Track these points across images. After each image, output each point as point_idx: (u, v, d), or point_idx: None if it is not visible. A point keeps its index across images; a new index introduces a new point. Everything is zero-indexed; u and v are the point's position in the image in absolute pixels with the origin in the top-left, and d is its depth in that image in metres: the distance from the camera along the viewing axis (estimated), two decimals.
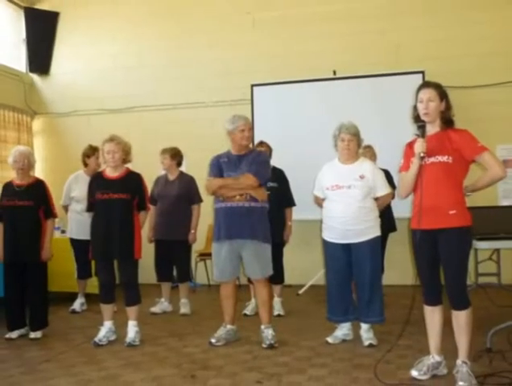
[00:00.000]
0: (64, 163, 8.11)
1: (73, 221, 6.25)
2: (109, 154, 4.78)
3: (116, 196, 4.75)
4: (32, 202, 5.06)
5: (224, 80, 8.02)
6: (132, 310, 4.86)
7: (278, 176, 5.86)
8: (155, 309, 6.04)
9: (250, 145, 4.86)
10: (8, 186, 5.21)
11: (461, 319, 3.52)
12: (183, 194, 5.97)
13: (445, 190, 3.48)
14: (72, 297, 6.40)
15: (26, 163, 5.13)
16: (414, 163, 3.55)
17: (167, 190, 6.00)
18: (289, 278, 6.35)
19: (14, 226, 5.06)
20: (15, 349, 4.77)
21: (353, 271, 4.56)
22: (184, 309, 5.99)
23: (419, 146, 3.50)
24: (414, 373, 3.66)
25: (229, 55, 8.09)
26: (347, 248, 4.50)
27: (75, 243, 6.24)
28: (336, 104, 7.26)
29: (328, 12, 7.77)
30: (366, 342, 4.49)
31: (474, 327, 3.58)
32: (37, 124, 8.88)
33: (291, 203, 5.92)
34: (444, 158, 3.49)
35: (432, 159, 3.52)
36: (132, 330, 4.81)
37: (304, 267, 7.35)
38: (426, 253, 3.60)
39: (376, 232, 4.54)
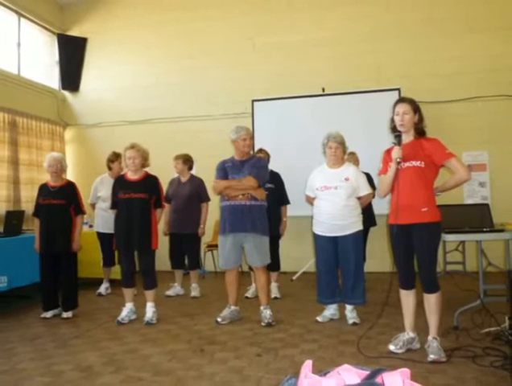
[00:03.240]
0: (92, 167, 8.12)
1: (99, 217, 6.23)
2: (130, 160, 4.79)
3: (136, 196, 4.75)
4: (64, 201, 5.06)
5: (228, 95, 8.02)
6: (150, 294, 4.86)
7: (275, 178, 5.85)
8: (170, 292, 6.04)
9: (251, 152, 4.86)
10: (43, 187, 5.21)
11: (432, 301, 3.52)
12: (194, 194, 5.96)
13: (418, 191, 3.48)
14: (99, 282, 6.38)
15: (59, 167, 5.14)
16: (392, 167, 3.55)
17: (179, 191, 5.99)
18: (284, 266, 6.34)
19: (48, 221, 5.06)
20: (50, 327, 4.78)
21: (339, 260, 4.55)
22: (194, 292, 5.99)
23: (396, 153, 3.50)
24: (391, 347, 3.65)
25: (233, 74, 8.07)
26: (334, 240, 4.49)
27: (101, 236, 6.22)
28: (324, 117, 7.27)
29: (318, 38, 7.77)
30: (350, 321, 4.49)
31: (443, 308, 3.60)
32: (68, 134, 8.87)
33: (285, 201, 5.91)
34: (417, 163, 3.49)
35: (407, 164, 3.52)
36: (150, 311, 4.82)
37: (297, 256, 7.35)
38: (401, 245, 3.60)
39: (359, 226, 4.53)
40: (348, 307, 4.58)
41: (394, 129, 3.64)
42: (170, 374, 3.39)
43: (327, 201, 4.47)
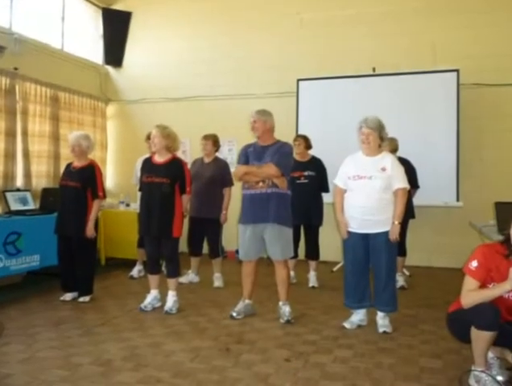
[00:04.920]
0: (132, 144, 7.99)
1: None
2: (152, 140, 4.60)
3: (157, 180, 4.50)
4: (80, 183, 4.82)
5: (272, 74, 7.59)
6: (172, 282, 4.63)
7: (317, 165, 5.56)
8: (182, 279, 5.61)
9: (274, 137, 4.40)
10: (67, 167, 5.04)
11: None
12: (217, 176, 5.55)
13: None
14: (134, 263, 6.18)
15: (76, 150, 4.90)
16: (501, 289, 2.79)
17: (202, 172, 5.59)
18: (325, 255, 6.11)
19: (64, 203, 4.90)
20: (76, 311, 4.62)
21: (369, 260, 4.06)
22: (218, 282, 5.67)
23: None
24: None
25: (278, 52, 7.63)
26: (365, 237, 4.01)
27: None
28: (374, 99, 6.74)
29: (369, 14, 7.20)
30: (381, 329, 4.00)
31: None
32: (110, 109, 8.69)
33: (324, 189, 5.60)
34: None
35: None
36: (170, 300, 4.60)
37: (339, 246, 6.92)
38: None
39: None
40: (380, 313, 4.09)
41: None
42: (190, 376, 3.14)
43: (359, 193, 3.97)
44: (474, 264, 2.87)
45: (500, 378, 2.90)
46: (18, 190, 6.24)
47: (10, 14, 6.75)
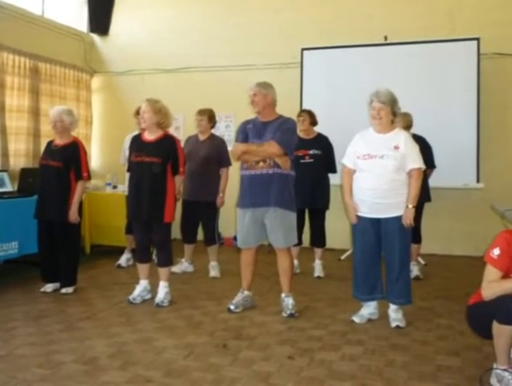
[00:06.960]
0: (119, 119, 7.97)
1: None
2: (142, 115, 4.51)
3: (148, 159, 4.43)
4: (62, 163, 4.75)
5: (274, 43, 7.50)
6: (163, 271, 4.60)
7: (323, 143, 5.50)
8: (175, 269, 5.57)
9: (275, 111, 4.34)
10: (48, 145, 4.98)
11: None
12: (213, 155, 5.49)
13: None
14: (121, 251, 6.17)
15: (58, 126, 4.81)
16: None
17: (196, 151, 5.52)
18: (331, 242, 6.10)
19: (44, 185, 4.84)
20: (59, 303, 4.58)
21: (381, 247, 4.01)
22: (214, 272, 5.64)
23: None
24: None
25: (280, 19, 7.52)
26: (376, 222, 3.95)
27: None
28: (386, 70, 6.68)
29: None
30: (393, 324, 3.95)
31: None
32: (95, 82, 8.61)
33: (331, 170, 5.56)
34: None
35: None
36: (162, 291, 4.57)
37: (348, 232, 6.89)
38: None
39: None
40: (392, 306, 4.05)
41: None
42: (183, 375, 3.10)
43: (369, 173, 3.90)
44: (496, 251, 2.84)
45: None
46: None
47: None
